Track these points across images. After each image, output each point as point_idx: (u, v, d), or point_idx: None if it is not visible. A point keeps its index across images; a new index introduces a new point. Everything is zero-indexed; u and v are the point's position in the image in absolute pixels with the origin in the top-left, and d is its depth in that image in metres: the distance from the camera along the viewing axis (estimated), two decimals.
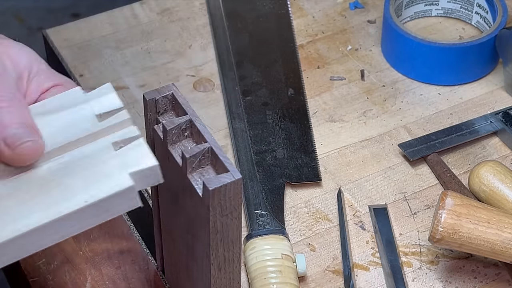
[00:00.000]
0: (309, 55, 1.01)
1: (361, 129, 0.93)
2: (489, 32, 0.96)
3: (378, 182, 0.87)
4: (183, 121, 0.64)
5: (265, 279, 0.75)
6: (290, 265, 0.77)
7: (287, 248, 0.78)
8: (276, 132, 0.91)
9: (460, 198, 0.75)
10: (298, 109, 0.94)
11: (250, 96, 0.95)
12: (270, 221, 0.81)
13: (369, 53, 1.01)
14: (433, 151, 0.89)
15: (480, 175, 0.83)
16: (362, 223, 0.84)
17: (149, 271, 0.78)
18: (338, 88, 0.97)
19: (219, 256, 0.64)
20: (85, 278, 0.78)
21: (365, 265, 0.80)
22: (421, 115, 0.94)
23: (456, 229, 0.74)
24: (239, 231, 0.64)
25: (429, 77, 0.97)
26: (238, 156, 0.88)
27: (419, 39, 0.95)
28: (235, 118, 0.92)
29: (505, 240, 0.74)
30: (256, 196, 0.84)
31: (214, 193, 0.60)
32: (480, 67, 0.97)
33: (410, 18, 1.04)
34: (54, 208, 0.59)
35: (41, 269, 0.78)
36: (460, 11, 1.03)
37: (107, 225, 0.82)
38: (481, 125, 0.92)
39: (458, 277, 0.79)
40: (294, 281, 0.76)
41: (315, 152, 0.89)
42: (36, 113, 0.63)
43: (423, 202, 0.86)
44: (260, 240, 0.78)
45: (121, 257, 0.79)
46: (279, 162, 0.88)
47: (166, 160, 0.65)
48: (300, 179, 0.87)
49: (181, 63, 1.00)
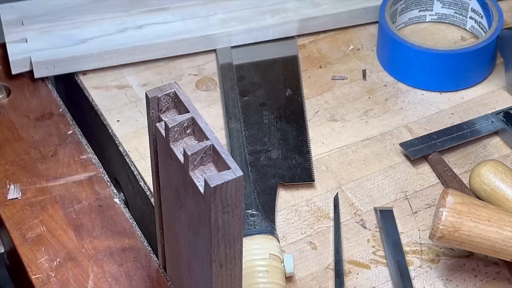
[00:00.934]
0: (311, 55, 1.01)
1: (363, 128, 0.93)
2: (486, 37, 0.96)
3: (379, 181, 0.88)
4: (185, 119, 0.65)
5: (252, 278, 0.76)
6: (277, 265, 0.77)
7: (276, 248, 0.78)
8: (271, 132, 0.91)
9: (461, 196, 0.76)
10: (295, 110, 0.94)
11: (248, 96, 0.95)
12: (261, 221, 0.81)
13: (371, 53, 1.01)
14: (434, 151, 0.89)
15: (481, 175, 0.83)
16: (363, 222, 0.84)
17: (151, 268, 0.79)
18: (339, 88, 0.98)
19: (220, 253, 0.64)
20: (88, 275, 0.78)
21: (366, 263, 0.80)
22: (423, 114, 0.94)
23: (457, 227, 0.74)
24: (241, 228, 0.64)
25: (427, 84, 0.97)
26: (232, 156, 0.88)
27: (416, 46, 0.95)
28: (231, 118, 0.92)
29: (505, 238, 0.74)
30: (248, 196, 0.84)
31: (216, 190, 0.60)
32: (478, 72, 0.97)
33: (405, 24, 1.04)
34: None
35: (43, 266, 0.79)
36: (455, 16, 1.03)
37: (109, 222, 0.82)
38: (482, 125, 0.92)
39: (458, 276, 0.80)
40: (281, 281, 0.76)
41: (310, 153, 0.90)
42: None
43: (424, 201, 0.86)
44: (249, 239, 0.78)
45: (123, 255, 0.80)
46: (273, 162, 0.88)
47: (168, 158, 0.66)
48: (293, 180, 0.87)
49: (184, 62, 1.00)
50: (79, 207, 0.83)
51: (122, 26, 1.00)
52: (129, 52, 0.98)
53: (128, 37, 0.99)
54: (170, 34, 0.99)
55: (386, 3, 0.99)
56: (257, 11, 1.02)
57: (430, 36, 1.03)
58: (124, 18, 1.01)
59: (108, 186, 0.85)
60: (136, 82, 0.98)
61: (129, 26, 1.00)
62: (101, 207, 0.84)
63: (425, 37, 1.02)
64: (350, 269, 0.80)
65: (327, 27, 1.03)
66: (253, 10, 1.02)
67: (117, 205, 0.84)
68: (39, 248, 0.80)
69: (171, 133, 0.64)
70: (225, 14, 1.01)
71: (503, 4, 1.03)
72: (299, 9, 1.02)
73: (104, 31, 0.99)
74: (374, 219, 0.84)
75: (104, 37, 0.98)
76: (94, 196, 0.84)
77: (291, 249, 0.82)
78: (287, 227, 0.84)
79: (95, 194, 0.85)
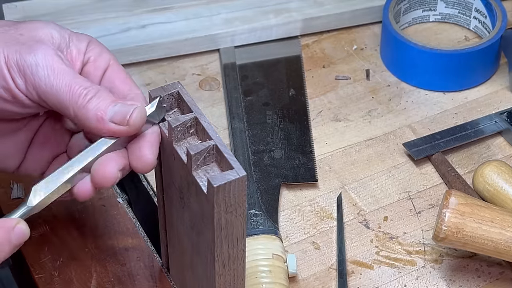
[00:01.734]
0: (314, 55, 1.01)
1: (366, 128, 0.93)
2: (490, 37, 0.95)
3: (382, 181, 0.88)
4: (188, 119, 0.65)
5: (255, 278, 0.76)
6: (281, 265, 0.77)
7: (279, 248, 0.78)
8: (275, 132, 0.91)
9: (464, 197, 0.75)
10: (299, 109, 0.94)
11: (251, 96, 0.95)
12: (264, 221, 0.81)
13: (375, 52, 1.01)
14: (438, 151, 0.89)
15: (485, 175, 0.83)
16: (367, 222, 0.84)
17: (154, 268, 0.79)
18: (343, 88, 0.97)
19: (223, 253, 0.64)
20: (91, 274, 0.78)
21: (369, 264, 0.80)
22: (426, 114, 0.94)
23: (460, 228, 0.74)
24: (244, 228, 0.64)
25: (431, 84, 0.96)
26: (235, 155, 0.88)
27: (420, 46, 0.95)
28: (234, 118, 0.92)
29: (508, 239, 0.74)
30: (251, 196, 0.84)
31: (219, 190, 0.60)
32: (481, 72, 0.97)
33: (408, 24, 1.04)
34: None
35: (47, 266, 0.79)
36: (458, 16, 1.03)
37: (112, 222, 0.82)
38: (486, 125, 0.92)
39: (461, 276, 0.79)
40: (284, 281, 0.76)
41: (313, 152, 0.90)
42: None
43: (428, 201, 0.86)
44: (252, 239, 0.78)
45: (126, 254, 0.80)
46: (276, 162, 0.88)
47: (171, 157, 0.66)
48: (297, 180, 0.87)
49: (187, 62, 1.00)
50: (82, 207, 0.83)
51: (125, 26, 1.00)
52: (132, 52, 0.98)
53: (131, 37, 0.99)
54: (174, 34, 0.99)
55: (390, 3, 0.99)
56: (260, 11, 1.02)
57: (433, 36, 1.03)
58: (127, 17, 1.01)
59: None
60: (139, 81, 0.98)
61: (132, 25, 1.00)
62: (104, 206, 0.84)
63: (428, 37, 1.02)
64: (353, 269, 0.80)
65: (330, 27, 1.03)
66: (256, 10, 1.02)
67: (120, 205, 0.84)
68: (43, 248, 0.80)
69: (174, 133, 0.64)
70: (229, 14, 1.01)
71: (507, 4, 1.02)
72: (303, 9, 1.02)
73: (107, 30, 0.99)
74: (377, 219, 0.84)
75: (107, 36, 0.98)
76: (97, 195, 0.84)
77: (294, 249, 0.82)
78: (290, 227, 0.83)
79: (99, 194, 0.85)
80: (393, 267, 0.80)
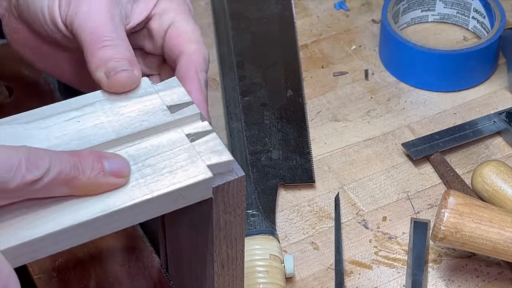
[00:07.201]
0: (313, 55, 1.01)
1: (365, 128, 0.93)
2: (489, 37, 0.96)
3: (381, 181, 0.88)
4: None
5: (253, 278, 0.76)
6: (278, 266, 0.77)
7: (276, 248, 0.78)
8: (272, 133, 0.91)
9: (463, 197, 0.76)
10: (296, 110, 0.94)
11: (249, 97, 0.95)
12: (261, 221, 0.81)
13: (373, 52, 1.01)
14: (437, 151, 0.89)
15: (483, 175, 0.83)
16: (365, 222, 0.84)
17: (153, 268, 0.79)
18: (342, 88, 0.98)
19: (222, 254, 0.64)
20: (90, 275, 0.78)
21: (368, 264, 0.81)
22: (425, 114, 0.94)
23: (459, 228, 0.74)
24: (243, 228, 0.64)
25: (429, 84, 0.96)
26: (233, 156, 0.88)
27: (418, 46, 0.95)
28: (232, 118, 0.92)
29: (507, 239, 0.74)
30: (248, 196, 0.84)
31: (218, 190, 0.60)
32: (480, 72, 0.97)
33: (407, 24, 1.04)
34: (128, 195, 0.59)
35: (46, 266, 0.79)
36: (457, 17, 1.03)
37: None
38: (485, 125, 0.92)
39: (460, 276, 0.80)
40: (281, 282, 0.76)
41: (311, 153, 0.90)
42: (105, 100, 0.64)
43: (426, 201, 0.86)
44: (249, 240, 0.79)
45: (125, 254, 0.80)
46: (273, 163, 0.88)
47: None
48: (294, 181, 0.87)
49: None
50: None
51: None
52: None
53: None
54: None
55: (389, 3, 0.99)
56: None
57: (432, 36, 1.03)
58: None
59: None
60: None
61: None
62: None
63: (427, 37, 1.02)
64: (352, 269, 0.80)
65: None
66: None
67: None
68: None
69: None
70: None
71: (505, 4, 1.02)
72: None
73: None
74: (376, 219, 0.84)
75: None
76: None
77: (293, 249, 0.82)
78: (289, 227, 0.84)
79: None
80: (392, 267, 0.80)
